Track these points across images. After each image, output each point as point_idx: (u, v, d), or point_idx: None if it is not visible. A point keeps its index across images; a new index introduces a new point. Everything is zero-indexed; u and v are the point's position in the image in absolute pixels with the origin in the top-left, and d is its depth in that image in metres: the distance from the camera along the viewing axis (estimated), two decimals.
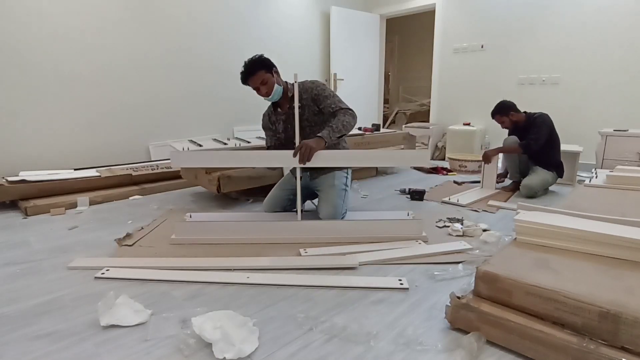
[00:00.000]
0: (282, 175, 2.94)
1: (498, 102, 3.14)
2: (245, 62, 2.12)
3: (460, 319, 1.24)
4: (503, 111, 3.08)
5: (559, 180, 3.27)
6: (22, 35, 3.01)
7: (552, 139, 3.02)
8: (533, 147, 2.92)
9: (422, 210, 2.60)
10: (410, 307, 1.42)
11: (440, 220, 2.36)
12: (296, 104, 2.02)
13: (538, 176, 2.99)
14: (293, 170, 2.28)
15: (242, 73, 2.13)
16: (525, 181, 2.95)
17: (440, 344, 1.20)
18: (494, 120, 3.16)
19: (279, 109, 2.31)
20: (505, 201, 2.81)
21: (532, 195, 2.93)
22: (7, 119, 3.02)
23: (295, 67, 4.93)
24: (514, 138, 3.08)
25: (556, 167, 3.08)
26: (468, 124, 4.72)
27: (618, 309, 0.98)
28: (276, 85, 2.17)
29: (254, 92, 2.22)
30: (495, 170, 3.17)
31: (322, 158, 1.98)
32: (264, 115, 2.43)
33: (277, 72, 2.20)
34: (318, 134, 2.00)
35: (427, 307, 1.42)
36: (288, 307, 1.42)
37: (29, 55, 3.06)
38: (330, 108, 2.14)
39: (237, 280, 1.61)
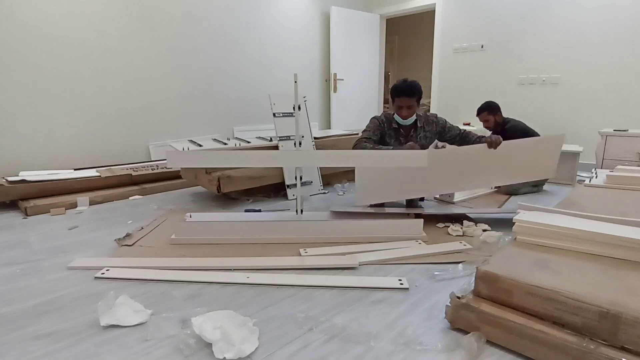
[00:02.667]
0: (282, 174, 2.94)
1: (486, 101, 3.15)
2: (406, 80, 2.35)
3: (460, 319, 1.24)
4: (491, 110, 3.10)
5: (558, 180, 3.27)
6: (22, 36, 3.01)
7: None
8: None
9: (422, 211, 2.59)
10: (410, 307, 1.42)
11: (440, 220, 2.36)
12: (296, 101, 2.03)
13: None
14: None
15: (399, 87, 2.33)
16: None
17: (440, 344, 1.20)
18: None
19: (401, 129, 2.47)
20: (502, 205, 2.81)
21: (513, 192, 2.96)
22: (7, 119, 3.02)
23: (295, 67, 4.94)
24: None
25: None
26: (468, 124, 4.71)
27: (618, 309, 0.98)
28: (415, 115, 2.40)
29: (253, 92, 2.24)
30: None
31: (318, 158, 1.98)
32: (377, 118, 2.51)
33: (419, 102, 2.42)
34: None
35: (427, 307, 1.42)
36: (288, 307, 1.42)
37: (29, 55, 3.06)
38: (457, 132, 2.53)
39: (237, 280, 1.61)
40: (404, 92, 2.31)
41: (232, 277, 1.63)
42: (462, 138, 2.51)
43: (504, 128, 3.09)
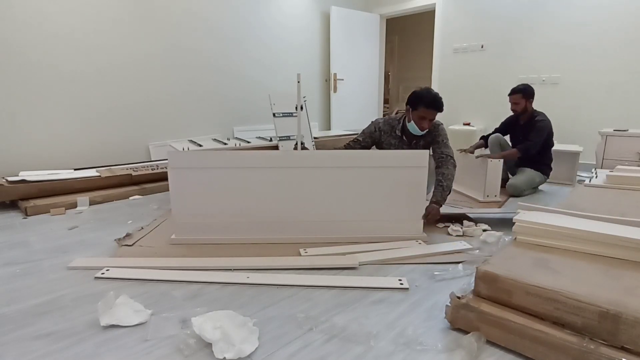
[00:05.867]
0: None
1: (522, 83, 3.07)
2: (437, 94, 2.24)
3: (460, 319, 1.24)
4: (526, 94, 3.00)
5: (558, 180, 3.27)
6: (22, 35, 3.01)
7: (547, 143, 3.02)
8: (531, 151, 2.93)
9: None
10: (410, 307, 1.42)
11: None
12: (298, 101, 2.02)
13: (524, 175, 3.00)
14: None
15: (430, 99, 2.22)
16: (512, 180, 2.97)
17: (440, 344, 1.20)
18: (510, 97, 3.04)
19: (404, 137, 2.44)
20: (501, 204, 2.80)
21: (518, 194, 2.94)
22: (7, 118, 3.02)
23: (295, 67, 4.94)
24: (499, 136, 3.10)
25: (545, 167, 3.07)
26: (468, 124, 4.72)
27: (618, 309, 0.98)
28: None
29: (253, 91, 2.24)
30: (500, 174, 2.91)
31: (318, 158, 1.97)
32: (375, 124, 2.50)
33: None
34: (434, 200, 2.19)
35: (427, 307, 1.42)
36: (288, 307, 1.42)
37: (29, 55, 3.05)
38: (438, 153, 2.34)
39: (237, 280, 1.61)
40: (436, 106, 2.22)
41: (232, 277, 1.63)
42: (437, 161, 2.34)
43: (533, 120, 3.00)
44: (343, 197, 2.02)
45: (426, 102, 2.22)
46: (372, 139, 2.48)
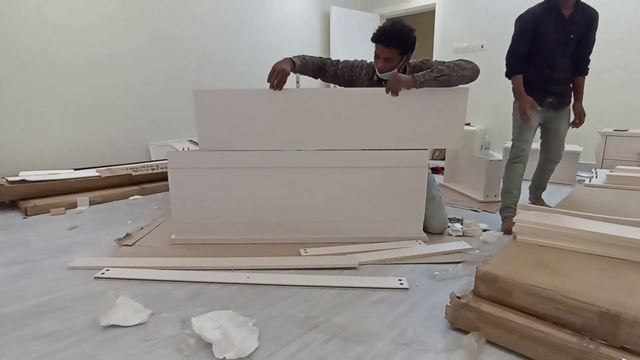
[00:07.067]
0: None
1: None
2: (396, 24, 1.90)
3: (460, 319, 1.24)
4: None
5: (558, 180, 3.27)
6: (22, 35, 3.01)
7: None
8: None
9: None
10: (410, 307, 1.42)
11: None
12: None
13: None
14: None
15: (379, 32, 1.89)
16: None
17: (440, 344, 1.20)
18: None
19: (383, 84, 2.02)
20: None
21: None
22: (7, 118, 3.02)
23: None
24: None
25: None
26: (468, 124, 4.71)
27: (618, 309, 0.98)
28: (396, 70, 1.99)
29: None
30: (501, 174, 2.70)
31: (318, 158, 1.97)
32: (360, 62, 2.19)
33: (405, 56, 1.98)
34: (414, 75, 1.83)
35: (427, 307, 1.42)
36: (288, 307, 1.42)
37: (28, 54, 3.05)
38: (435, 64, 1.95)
39: (237, 280, 1.61)
40: (380, 39, 1.89)
41: (232, 277, 1.63)
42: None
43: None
44: (343, 197, 2.02)
45: (374, 35, 1.92)
46: (350, 73, 2.17)
